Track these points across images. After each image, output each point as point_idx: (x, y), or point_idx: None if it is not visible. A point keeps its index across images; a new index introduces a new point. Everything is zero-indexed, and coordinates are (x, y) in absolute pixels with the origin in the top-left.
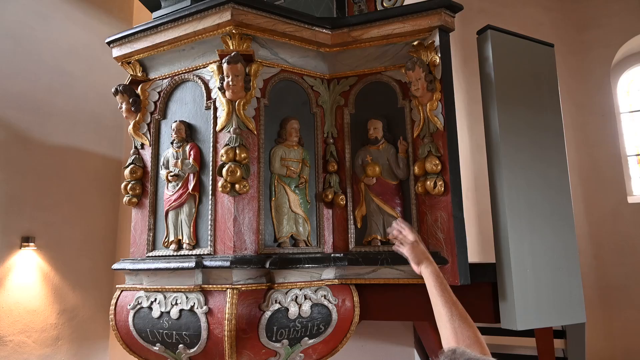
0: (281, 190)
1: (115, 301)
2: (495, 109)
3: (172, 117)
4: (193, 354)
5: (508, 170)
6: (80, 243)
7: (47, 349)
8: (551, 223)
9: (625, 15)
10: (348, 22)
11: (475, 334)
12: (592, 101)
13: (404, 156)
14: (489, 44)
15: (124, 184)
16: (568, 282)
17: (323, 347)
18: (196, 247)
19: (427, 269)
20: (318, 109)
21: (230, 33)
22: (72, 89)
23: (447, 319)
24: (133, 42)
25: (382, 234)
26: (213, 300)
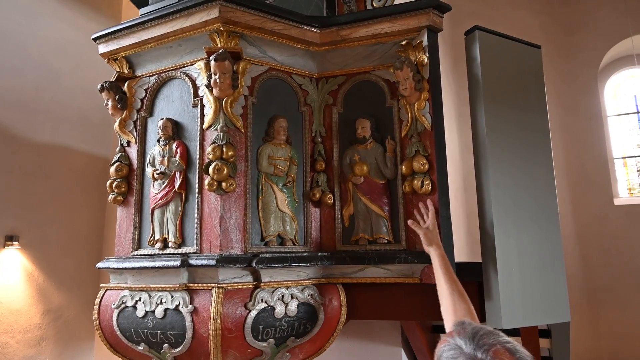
0: (268, 189)
1: (99, 300)
2: (483, 108)
3: (159, 115)
4: (178, 353)
5: (495, 170)
6: (65, 242)
7: (31, 349)
8: (537, 222)
9: (612, 20)
10: (337, 21)
11: (469, 307)
12: (580, 104)
13: (391, 155)
14: (476, 44)
15: (110, 181)
16: (553, 281)
17: (309, 346)
18: (182, 246)
19: (435, 251)
20: (306, 107)
21: (218, 30)
22: (59, 86)
23: (448, 293)
24: (119, 38)
25: (369, 233)
26: (198, 299)
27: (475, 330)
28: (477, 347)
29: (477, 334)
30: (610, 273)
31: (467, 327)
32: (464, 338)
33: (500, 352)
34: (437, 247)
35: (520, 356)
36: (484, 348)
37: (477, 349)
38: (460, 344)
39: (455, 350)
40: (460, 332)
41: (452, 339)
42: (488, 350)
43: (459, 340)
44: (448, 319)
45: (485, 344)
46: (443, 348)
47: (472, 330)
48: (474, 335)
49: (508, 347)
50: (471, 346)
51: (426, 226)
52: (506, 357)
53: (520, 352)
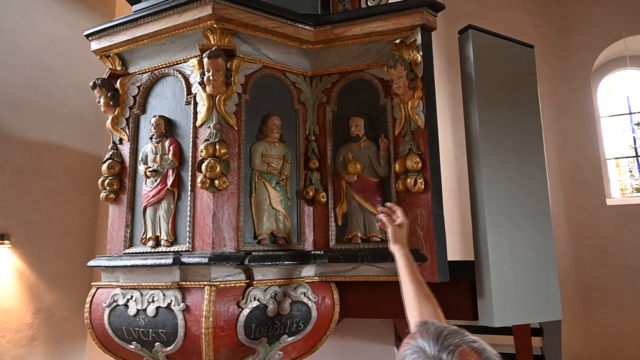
0: (262, 187)
1: (90, 299)
2: (476, 107)
3: (152, 112)
4: (169, 352)
5: (488, 168)
6: (57, 241)
7: (21, 349)
8: (529, 221)
9: (606, 22)
10: (331, 19)
11: (436, 309)
12: (573, 105)
13: (385, 154)
14: (470, 43)
15: (101, 179)
16: (545, 279)
17: (302, 345)
18: (174, 244)
19: (400, 250)
20: (300, 106)
21: (212, 27)
22: (52, 84)
23: (414, 294)
24: (112, 35)
25: (362, 232)
26: (191, 297)
27: (439, 330)
28: (442, 349)
29: (441, 334)
30: (603, 273)
31: (431, 327)
32: (428, 339)
33: (466, 353)
34: (402, 246)
35: (488, 356)
36: (449, 349)
37: (442, 351)
38: (424, 346)
39: (418, 353)
40: (423, 332)
41: (415, 341)
42: (454, 351)
43: (421, 341)
44: (413, 321)
45: (451, 344)
46: (405, 352)
47: (435, 330)
48: (438, 336)
49: (474, 346)
50: (435, 347)
51: (399, 222)
52: (473, 358)
53: (488, 351)
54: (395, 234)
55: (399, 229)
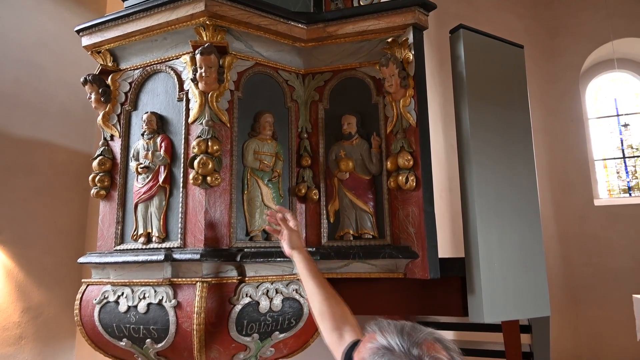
0: (254, 184)
1: (80, 296)
2: (467, 105)
3: (143, 109)
4: (161, 348)
5: (478, 166)
6: (46, 239)
7: (9, 347)
8: (519, 218)
9: (594, 25)
10: (324, 17)
11: (346, 309)
12: (562, 106)
13: (377, 151)
14: (461, 42)
15: (92, 175)
16: (534, 276)
17: (294, 341)
18: (166, 240)
19: (299, 254)
20: (292, 103)
21: (204, 24)
22: (41, 80)
23: (323, 297)
24: (103, 30)
25: (354, 229)
26: (182, 293)
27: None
28: (410, 344)
29: (403, 330)
30: (591, 272)
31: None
32: (392, 337)
33: (431, 344)
34: (300, 250)
35: (446, 344)
36: (417, 343)
37: (412, 346)
38: (391, 344)
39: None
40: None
41: (378, 342)
42: (421, 344)
43: (385, 340)
44: (326, 324)
45: (417, 338)
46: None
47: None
48: (401, 332)
49: (435, 337)
50: (404, 344)
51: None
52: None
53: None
54: (291, 238)
55: (294, 234)
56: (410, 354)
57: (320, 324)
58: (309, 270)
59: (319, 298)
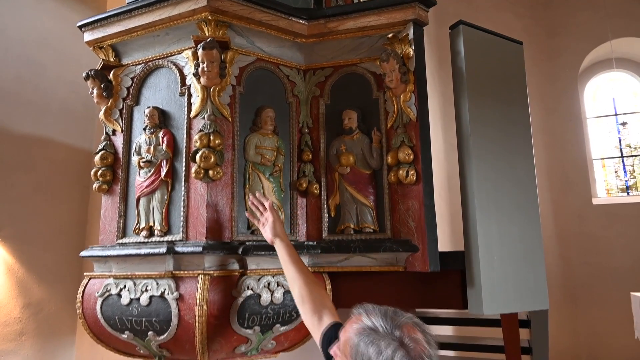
0: (255, 178)
1: (82, 289)
2: (466, 100)
3: (145, 104)
4: (163, 341)
5: (478, 160)
6: (46, 236)
7: (10, 343)
8: (518, 212)
9: (592, 24)
10: (324, 13)
11: (323, 293)
12: (561, 106)
13: (377, 146)
14: (460, 38)
15: (94, 170)
16: (532, 270)
17: (295, 334)
18: (168, 234)
19: (282, 242)
20: (294, 98)
21: (206, 19)
22: (41, 77)
23: (303, 282)
24: (106, 26)
25: (355, 223)
26: (184, 286)
27: (382, 311)
28: (393, 326)
29: (386, 314)
30: (589, 271)
31: (373, 309)
32: (376, 319)
33: (411, 328)
34: (282, 238)
35: (425, 329)
36: (398, 326)
37: (394, 329)
38: (375, 326)
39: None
40: (369, 314)
41: (363, 323)
42: (402, 326)
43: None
44: (306, 307)
45: (398, 321)
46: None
47: (379, 311)
48: (385, 316)
49: (415, 321)
50: (387, 326)
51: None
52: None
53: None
54: (273, 226)
55: (277, 221)
56: (392, 334)
57: (301, 307)
58: (289, 256)
59: (299, 283)
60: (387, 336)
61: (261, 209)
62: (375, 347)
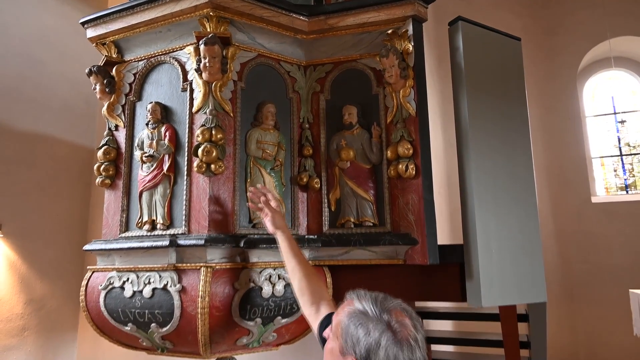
0: (257, 172)
1: (85, 282)
2: (465, 96)
3: (148, 99)
4: (165, 332)
5: (476, 155)
6: (48, 232)
7: (12, 339)
8: (516, 206)
9: (591, 23)
10: (325, 9)
11: (321, 286)
12: (560, 104)
13: (377, 141)
14: (459, 34)
15: (97, 165)
16: (530, 263)
17: (296, 326)
18: (170, 227)
19: (283, 234)
20: (294, 94)
21: (208, 15)
22: (42, 75)
23: (303, 274)
24: (108, 22)
25: (355, 217)
26: (187, 278)
27: (373, 296)
28: (382, 310)
29: (377, 299)
30: (588, 269)
31: (364, 294)
32: (367, 303)
33: (399, 312)
34: (284, 230)
35: (413, 315)
36: (387, 310)
37: (383, 312)
38: (365, 309)
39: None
40: (361, 299)
41: (354, 307)
42: (390, 311)
43: (361, 306)
44: (305, 299)
45: (387, 306)
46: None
47: (371, 296)
48: (375, 300)
49: (403, 307)
50: (376, 309)
51: (275, 206)
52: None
53: (410, 309)
54: (274, 218)
55: (277, 214)
56: (381, 318)
57: (300, 298)
58: (290, 249)
59: (299, 275)
60: (376, 319)
61: (262, 200)
62: (364, 329)
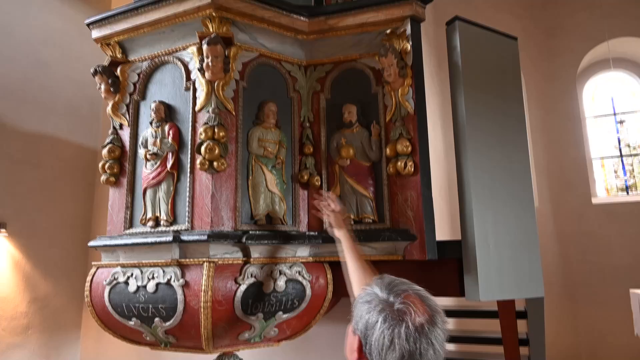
0: (258, 170)
1: (90, 278)
2: (462, 94)
3: (152, 98)
4: (169, 327)
5: (473, 152)
6: (52, 231)
7: (16, 337)
8: (513, 202)
9: (590, 25)
10: (325, 10)
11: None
12: (560, 105)
13: (376, 139)
14: (456, 33)
15: (102, 163)
16: (528, 258)
17: (297, 322)
18: (174, 224)
19: (345, 233)
20: (295, 94)
21: (210, 16)
22: (48, 76)
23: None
24: (113, 23)
25: (355, 213)
26: (190, 273)
27: (390, 279)
28: (390, 293)
29: (392, 282)
30: (589, 270)
31: (386, 278)
32: (381, 286)
33: (410, 296)
34: (345, 230)
35: (431, 303)
36: (396, 293)
37: (391, 294)
38: (377, 291)
39: (371, 295)
40: (378, 281)
41: (370, 288)
42: (400, 294)
43: (375, 288)
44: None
45: (399, 289)
46: (361, 294)
47: (388, 279)
48: (389, 284)
49: (419, 293)
50: (385, 292)
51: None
52: (416, 301)
53: (431, 299)
54: (337, 219)
55: (338, 215)
56: (387, 299)
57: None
58: (351, 247)
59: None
60: (381, 299)
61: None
62: (367, 306)
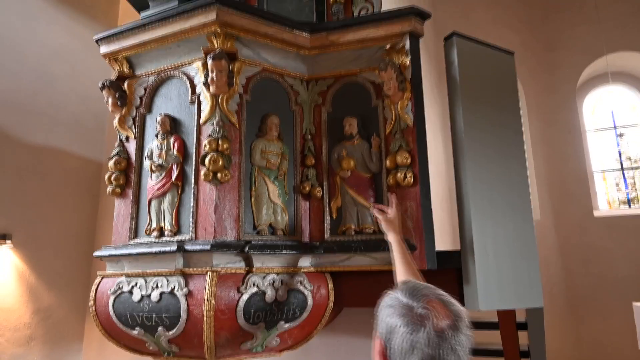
0: (261, 181)
1: (95, 287)
2: (460, 107)
3: (157, 111)
4: (172, 336)
5: (472, 164)
6: (57, 243)
7: (19, 348)
8: (511, 212)
9: (588, 39)
10: (326, 26)
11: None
12: (560, 118)
13: (377, 151)
14: (454, 49)
15: (108, 174)
16: (527, 268)
17: (299, 332)
18: (178, 234)
19: (395, 237)
20: (297, 107)
21: (215, 32)
22: (54, 90)
23: (407, 271)
24: (121, 39)
25: (356, 224)
26: (193, 282)
27: (414, 284)
28: (412, 297)
29: (415, 287)
30: (591, 283)
31: (410, 283)
32: (404, 291)
33: (432, 301)
34: (397, 234)
35: (454, 309)
36: (419, 298)
37: (412, 299)
38: (400, 296)
39: (393, 300)
40: (402, 287)
41: (394, 292)
42: (422, 299)
43: (398, 292)
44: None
45: (422, 294)
46: (384, 299)
47: (412, 284)
48: (413, 289)
49: (442, 299)
50: (408, 296)
51: (390, 215)
52: (438, 306)
53: (455, 304)
54: (388, 223)
55: (390, 220)
56: (408, 303)
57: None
58: (399, 252)
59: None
60: (403, 303)
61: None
62: (387, 310)
